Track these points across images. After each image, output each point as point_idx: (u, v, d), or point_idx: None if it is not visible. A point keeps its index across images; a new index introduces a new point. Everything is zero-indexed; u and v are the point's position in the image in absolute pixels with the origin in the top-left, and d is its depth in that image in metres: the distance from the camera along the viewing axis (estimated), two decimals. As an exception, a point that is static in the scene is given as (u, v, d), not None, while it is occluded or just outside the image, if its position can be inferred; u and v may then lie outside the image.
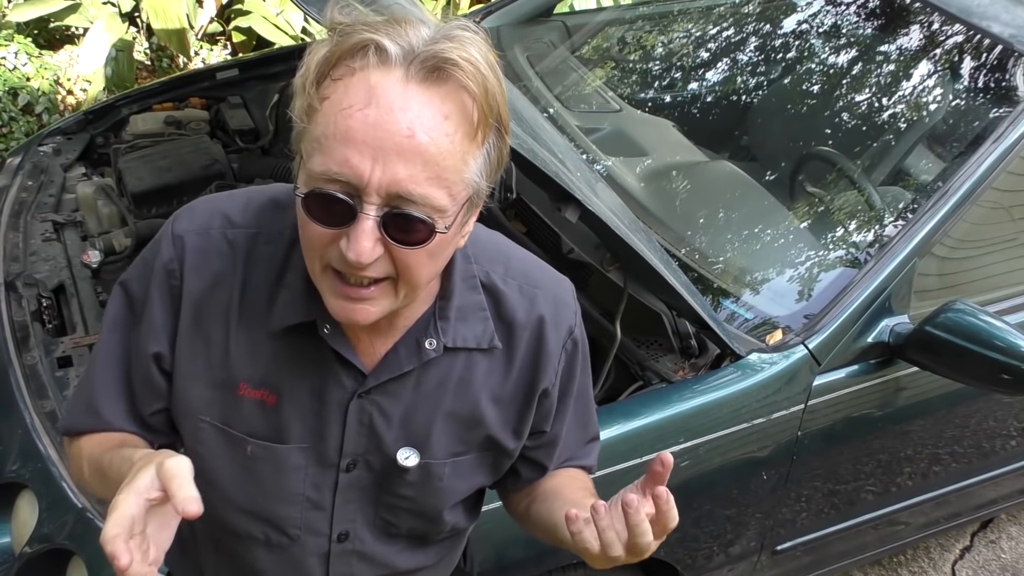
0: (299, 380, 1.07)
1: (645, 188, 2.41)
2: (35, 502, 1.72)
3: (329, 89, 0.90)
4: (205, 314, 1.06)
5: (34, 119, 4.01)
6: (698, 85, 3.01)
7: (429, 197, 0.90)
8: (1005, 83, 2.33)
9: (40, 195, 2.44)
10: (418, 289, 0.99)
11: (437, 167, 0.89)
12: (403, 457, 1.11)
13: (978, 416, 2.33)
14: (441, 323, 1.08)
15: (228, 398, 1.08)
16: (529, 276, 1.15)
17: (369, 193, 0.89)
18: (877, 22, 2.76)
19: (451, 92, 0.90)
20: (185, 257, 1.06)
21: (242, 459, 1.10)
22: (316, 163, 0.90)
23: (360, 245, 0.90)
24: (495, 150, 0.96)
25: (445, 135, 0.89)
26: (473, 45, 0.91)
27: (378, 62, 0.88)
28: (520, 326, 1.12)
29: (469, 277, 1.10)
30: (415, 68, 0.89)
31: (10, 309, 2.06)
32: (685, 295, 1.76)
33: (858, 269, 2.06)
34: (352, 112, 0.88)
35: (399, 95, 0.88)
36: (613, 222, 1.67)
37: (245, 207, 1.08)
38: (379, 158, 0.87)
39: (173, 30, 4.20)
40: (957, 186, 2.07)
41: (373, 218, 0.90)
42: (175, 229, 1.08)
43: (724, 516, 1.99)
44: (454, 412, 1.12)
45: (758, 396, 1.88)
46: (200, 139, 2.65)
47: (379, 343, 1.08)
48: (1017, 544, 3.11)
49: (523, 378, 1.14)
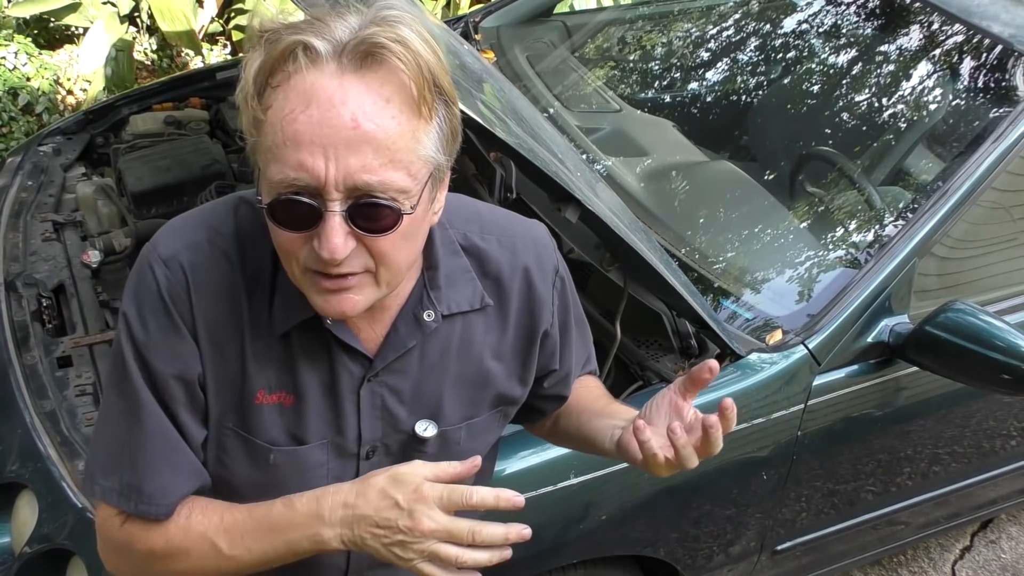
0: (311, 376, 1.08)
1: (645, 188, 2.41)
2: (35, 502, 1.72)
3: (270, 98, 0.91)
4: (219, 331, 1.05)
5: (34, 119, 4.01)
6: (698, 85, 3.01)
7: (388, 182, 0.91)
8: (1005, 83, 2.33)
9: (40, 195, 2.44)
10: (399, 274, 1.00)
11: (389, 151, 0.90)
12: (421, 429, 1.13)
13: (978, 416, 2.33)
14: (434, 292, 1.10)
15: (248, 410, 1.08)
16: (504, 227, 1.17)
17: (329, 190, 0.90)
18: (877, 22, 2.76)
19: (387, 75, 0.91)
20: (187, 279, 1.03)
21: (265, 468, 1.10)
22: (273, 172, 0.91)
23: (332, 242, 0.91)
24: (446, 123, 0.97)
25: (391, 118, 0.90)
26: (402, 24, 0.92)
27: (309, 62, 0.90)
28: (507, 279, 1.15)
29: (448, 243, 1.12)
30: (347, 59, 0.90)
31: (10, 309, 2.06)
32: (685, 295, 1.76)
33: (858, 269, 2.06)
34: (296, 116, 0.89)
35: (336, 89, 0.89)
36: (613, 222, 1.67)
37: (224, 215, 1.07)
38: (330, 155, 0.89)
39: (183, 31, 4.20)
40: (957, 186, 2.07)
41: (339, 213, 0.91)
42: (162, 253, 1.03)
43: (724, 516, 1.99)
44: (461, 376, 1.15)
45: (758, 396, 1.88)
46: (200, 139, 2.65)
47: (377, 326, 1.09)
48: (1017, 544, 3.11)
49: (521, 327, 1.17)
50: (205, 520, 1.05)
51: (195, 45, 4.30)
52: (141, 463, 1.05)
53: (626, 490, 1.80)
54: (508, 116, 1.80)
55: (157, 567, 1.08)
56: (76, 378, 1.91)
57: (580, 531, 1.79)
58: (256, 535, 1.03)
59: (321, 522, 1.00)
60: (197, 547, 1.05)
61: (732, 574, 2.17)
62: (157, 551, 1.06)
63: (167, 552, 1.06)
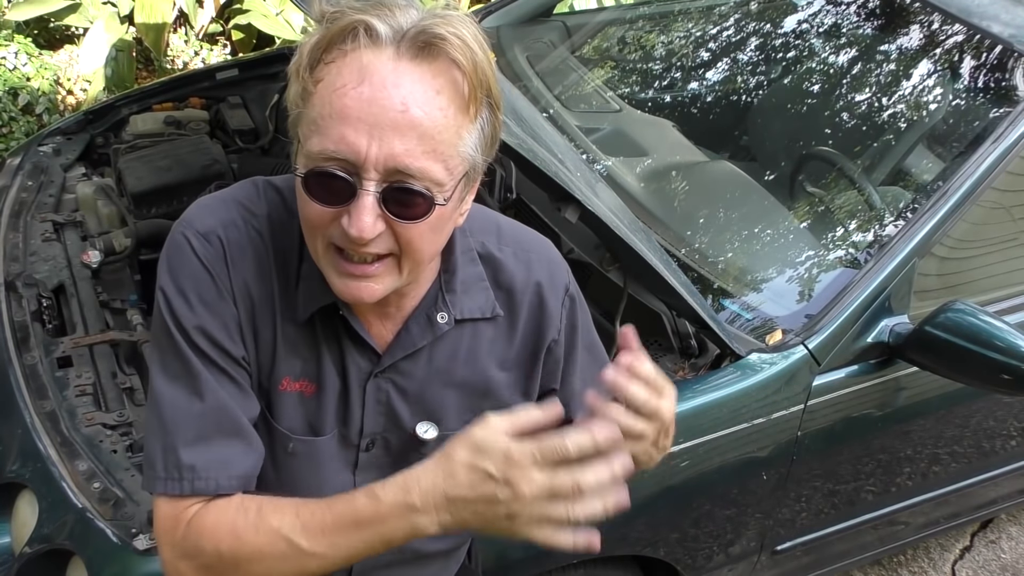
0: (328, 365, 1.09)
1: (645, 188, 2.41)
2: (35, 502, 1.71)
3: (322, 72, 0.92)
4: (255, 310, 1.06)
5: (34, 119, 4.01)
6: (698, 85, 3.01)
7: (427, 171, 0.92)
8: (1005, 83, 2.33)
9: (40, 195, 2.43)
10: (421, 264, 1.01)
11: (432, 141, 0.91)
12: (422, 430, 1.14)
13: (978, 416, 2.33)
14: (449, 296, 1.10)
15: (273, 396, 1.10)
16: (521, 242, 1.18)
17: (367, 169, 0.90)
18: (877, 22, 2.76)
19: (442, 67, 0.92)
20: (226, 252, 1.03)
21: (283, 457, 1.11)
22: (314, 143, 0.92)
23: (361, 221, 0.91)
24: (488, 125, 0.98)
25: (439, 109, 0.91)
26: (460, 22, 0.93)
27: (369, 42, 0.91)
28: (519, 291, 1.15)
29: (467, 250, 1.13)
30: (405, 46, 0.91)
31: (10, 309, 2.05)
32: (685, 295, 1.76)
33: (858, 269, 2.06)
34: (347, 91, 0.90)
35: (391, 72, 0.90)
36: (613, 222, 1.67)
37: (256, 197, 1.08)
38: (375, 134, 0.89)
39: (152, 24, 4.17)
40: (957, 186, 2.07)
41: (373, 193, 0.91)
42: (199, 228, 1.02)
43: (724, 516, 1.98)
44: (465, 382, 1.15)
45: (758, 396, 1.88)
46: (200, 139, 2.65)
47: (389, 324, 1.10)
48: (1017, 544, 3.11)
49: (527, 340, 1.18)
50: (278, 517, 0.98)
51: (159, 45, 4.26)
52: (194, 438, 1.00)
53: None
54: (508, 116, 1.79)
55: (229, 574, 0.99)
56: (76, 378, 1.91)
57: (580, 531, 1.79)
58: (341, 531, 0.96)
59: (415, 512, 0.93)
60: (272, 546, 0.97)
61: (732, 574, 2.17)
62: (226, 552, 0.98)
63: (238, 552, 0.97)
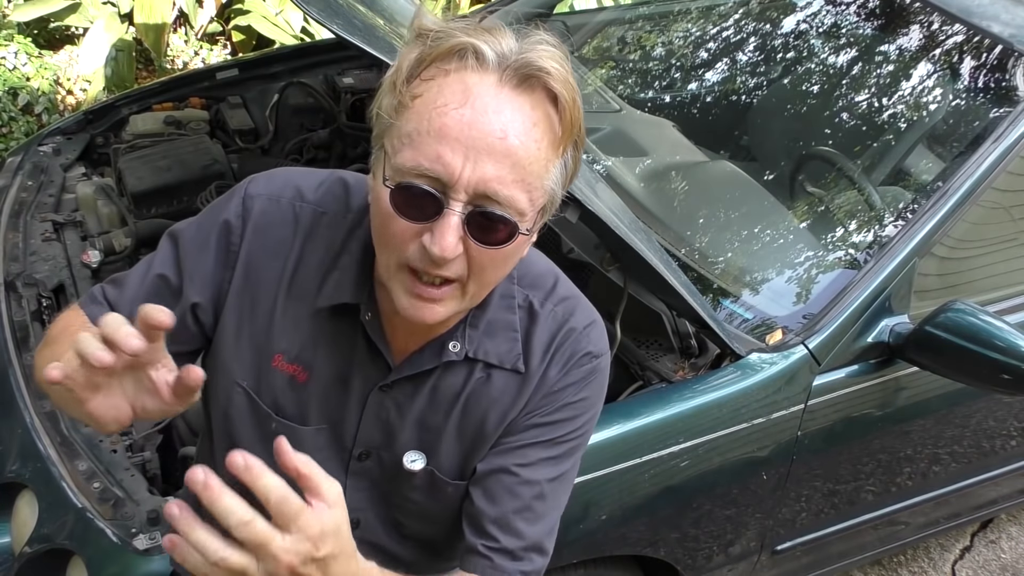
0: (330, 361, 1.10)
1: (645, 188, 2.41)
2: (35, 502, 1.72)
3: (421, 88, 0.93)
4: (257, 278, 1.08)
5: (34, 119, 4.01)
6: (698, 85, 3.01)
7: (513, 199, 0.92)
8: (1005, 83, 2.33)
9: (40, 195, 2.43)
10: (486, 290, 1.02)
11: (523, 171, 0.92)
12: (409, 460, 1.13)
13: (978, 416, 2.33)
14: (470, 331, 1.09)
15: (263, 365, 1.10)
16: (567, 305, 1.14)
17: (457, 190, 0.91)
18: (877, 22, 2.76)
19: (540, 100, 0.93)
20: (250, 218, 1.08)
21: (266, 431, 1.11)
22: (406, 157, 0.92)
23: (445, 240, 0.91)
24: (572, 161, 0.99)
25: (534, 141, 0.92)
26: (562, 58, 0.94)
27: (476, 65, 0.92)
28: (542, 354, 1.12)
29: (508, 296, 1.11)
30: (509, 74, 0.92)
31: (10, 309, 2.05)
32: (685, 295, 1.76)
33: (858, 269, 2.06)
34: (447, 110, 0.90)
35: (493, 98, 0.91)
36: (613, 222, 1.67)
37: (318, 186, 1.11)
38: (471, 156, 0.90)
39: (152, 25, 4.17)
40: (957, 186, 2.07)
41: (459, 214, 0.92)
42: (249, 190, 1.10)
43: (724, 516, 1.98)
44: (462, 429, 1.13)
45: (758, 396, 1.88)
46: (200, 139, 2.65)
47: (412, 343, 1.09)
48: (1017, 544, 3.11)
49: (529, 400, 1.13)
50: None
51: (159, 45, 4.26)
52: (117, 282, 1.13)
53: (626, 490, 1.80)
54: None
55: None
56: (76, 378, 1.91)
57: (580, 531, 1.79)
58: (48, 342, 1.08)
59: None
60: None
61: (732, 574, 2.17)
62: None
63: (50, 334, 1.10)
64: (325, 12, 1.76)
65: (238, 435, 1.13)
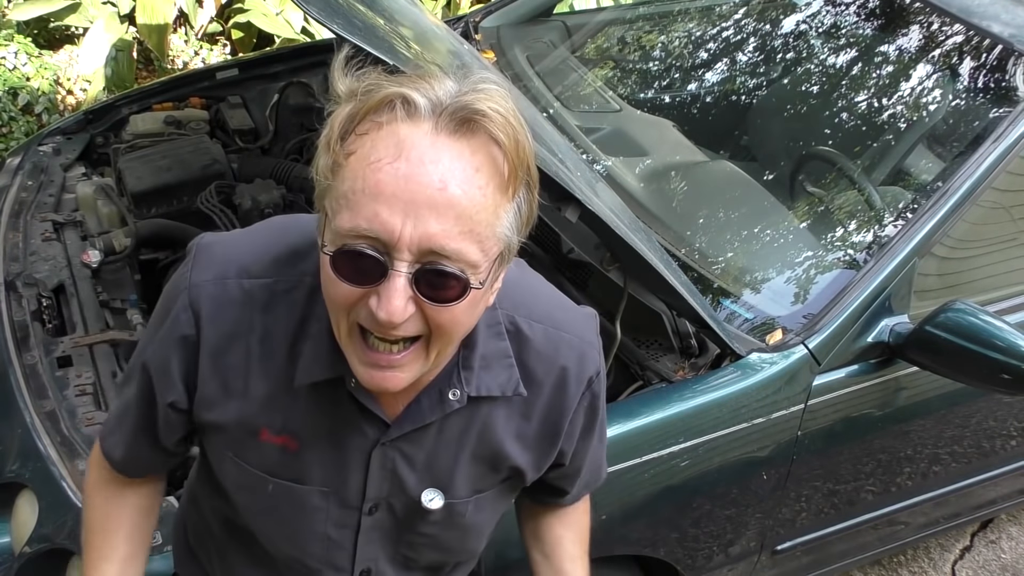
0: (321, 429, 1.06)
1: (645, 188, 2.41)
2: (35, 502, 1.72)
3: (355, 144, 0.88)
4: (224, 364, 1.04)
5: (34, 119, 4.01)
6: (698, 85, 3.01)
7: (462, 252, 0.87)
8: (1005, 83, 2.33)
9: (40, 195, 2.43)
10: (450, 347, 0.97)
11: (470, 221, 0.86)
12: (427, 499, 1.10)
13: (978, 416, 2.33)
14: (465, 373, 1.05)
15: (249, 442, 1.07)
16: (555, 319, 1.12)
17: (400, 249, 0.86)
18: (877, 22, 2.76)
19: (481, 144, 0.87)
20: (201, 307, 1.03)
21: (264, 495, 1.09)
22: (344, 220, 0.87)
23: (392, 304, 0.87)
24: (526, 204, 0.93)
25: (477, 188, 0.87)
26: (501, 97, 0.89)
27: (406, 115, 0.86)
28: (542, 373, 1.10)
29: (494, 324, 1.06)
30: (444, 120, 0.86)
31: (10, 309, 2.06)
32: (685, 295, 1.76)
33: (858, 269, 2.06)
34: (381, 166, 0.85)
35: (429, 148, 0.85)
36: (613, 222, 1.67)
37: (262, 255, 1.05)
38: (411, 212, 0.85)
39: (155, 25, 4.18)
40: (957, 186, 2.07)
41: (405, 275, 0.87)
42: (193, 279, 1.04)
43: (724, 516, 1.98)
44: (477, 455, 1.11)
45: (758, 396, 1.88)
46: (200, 139, 2.65)
47: (402, 396, 1.05)
48: (1017, 544, 3.11)
49: (545, 421, 1.13)
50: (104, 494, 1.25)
51: (162, 46, 4.27)
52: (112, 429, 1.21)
53: (626, 490, 1.80)
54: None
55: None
56: (76, 378, 1.91)
57: (580, 531, 1.79)
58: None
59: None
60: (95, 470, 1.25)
61: (732, 574, 2.17)
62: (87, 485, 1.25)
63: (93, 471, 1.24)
64: (325, 12, 1.76)
65: (236, 498, 1.12)
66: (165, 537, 1.57)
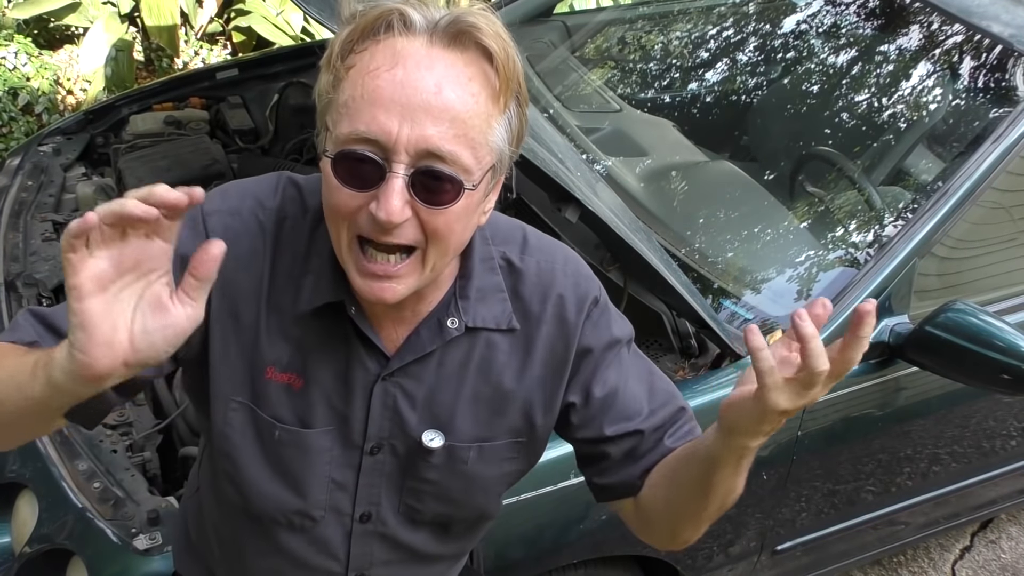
0: (324, 363, 1.08)
1: (645, 188, 2.41)
2: (35, 502, 1.72)
3: (354, 59, 0.93)
4: (236, 295, 1.06)
5: (34, 119, 4.01)
6: (698, 85, 3.01)
7: (457, 155, 0.92)
8: (1005, 83, 2.33)
9: (40, 195, 2.43)
10: (446, 257, 1.00)
11: (464, 125, 0.91)
12: (428, 439, 1.12)
13: (978, 416, 2.33)
14: (462, 302, 1.09)
15: (257, 380, 1.09)
16: (546, 252, 1.16)
17: (398, 151, 0.90)
18: (877, 22, 2.76)
19: (474, 57, 0.94)
20: (214, 235, 1.03)
21: (269, 442, 1.10)
22: (344, 126, 0.92)
23: (390, 204, 0.91)
24: (516, 118, 0.99)
25: (471, 95, 0.92)
26: (492, 17, 0.96)
27: (403, 29, 0.92)
28: (538, 303, 1.13)
29: (487, 258, 1.11)
30: (439, 33, 0.93)
31: (10, 309, 2.06)
32: (685, 295, 1.76)
33: (858, 269, 2.06)
34: (379, 73, 0.90)
35: (425, 57, 0.91)
36: (613, 222, 1.67)
37: (274, 192, 1.10)
38: (407, 116, 0.90)
39: (165, 26, 4.21)
40: (957, 186, 2.07)
41: (402, 176, 0.91)
42: (205, 208, 1.07)
43: (724, 516, 1.98)
44: (477, 394, 1.13)
45: (758, 396, 1.87)
46: (200, 139, 2.65)
47: (401, 329, 1.09)
48: (1017, 544, 3.11)
49: (548, 355, 1.14)
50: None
51: (174, 44, 4.29)
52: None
53: (626, 490, 1.80)
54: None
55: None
56: (76, 378, 1.91)
57: (580, 531, 1.79)
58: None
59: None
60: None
61: (732, 574, 2.17)
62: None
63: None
64: (325, 12, 1.76)
65: (238, 455, 1.11)
66: (165, 537, 1.57)
